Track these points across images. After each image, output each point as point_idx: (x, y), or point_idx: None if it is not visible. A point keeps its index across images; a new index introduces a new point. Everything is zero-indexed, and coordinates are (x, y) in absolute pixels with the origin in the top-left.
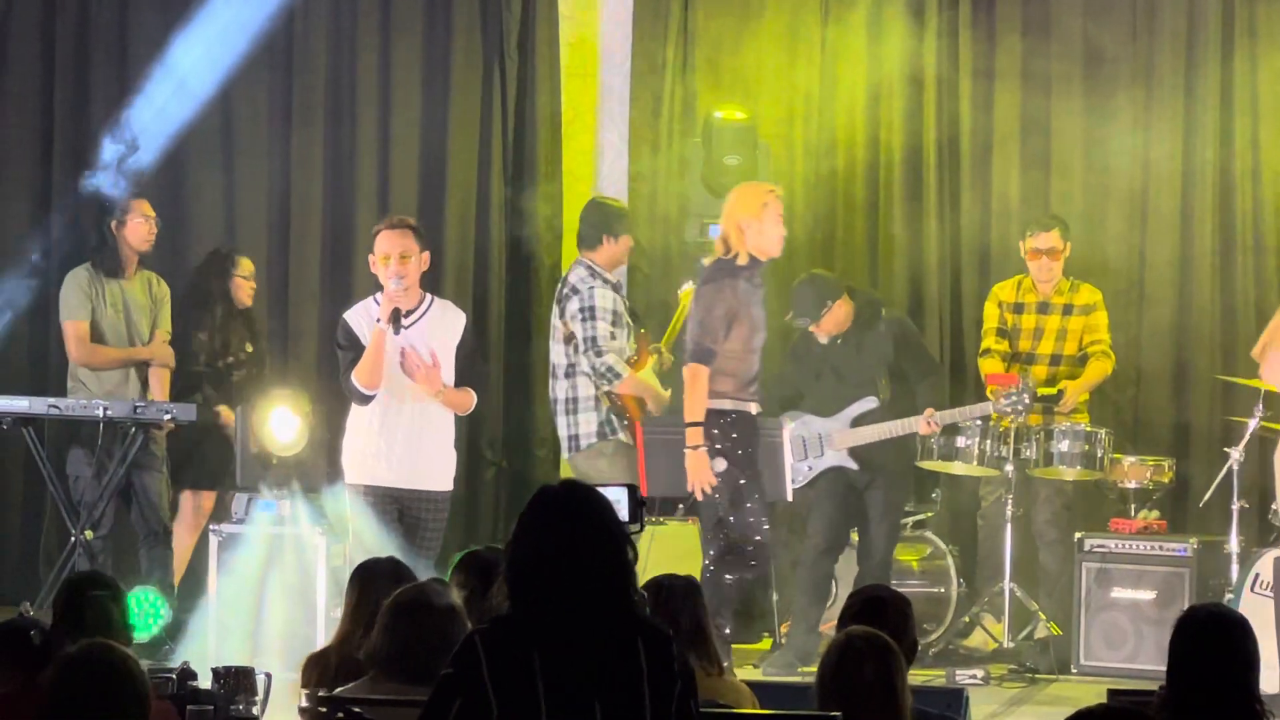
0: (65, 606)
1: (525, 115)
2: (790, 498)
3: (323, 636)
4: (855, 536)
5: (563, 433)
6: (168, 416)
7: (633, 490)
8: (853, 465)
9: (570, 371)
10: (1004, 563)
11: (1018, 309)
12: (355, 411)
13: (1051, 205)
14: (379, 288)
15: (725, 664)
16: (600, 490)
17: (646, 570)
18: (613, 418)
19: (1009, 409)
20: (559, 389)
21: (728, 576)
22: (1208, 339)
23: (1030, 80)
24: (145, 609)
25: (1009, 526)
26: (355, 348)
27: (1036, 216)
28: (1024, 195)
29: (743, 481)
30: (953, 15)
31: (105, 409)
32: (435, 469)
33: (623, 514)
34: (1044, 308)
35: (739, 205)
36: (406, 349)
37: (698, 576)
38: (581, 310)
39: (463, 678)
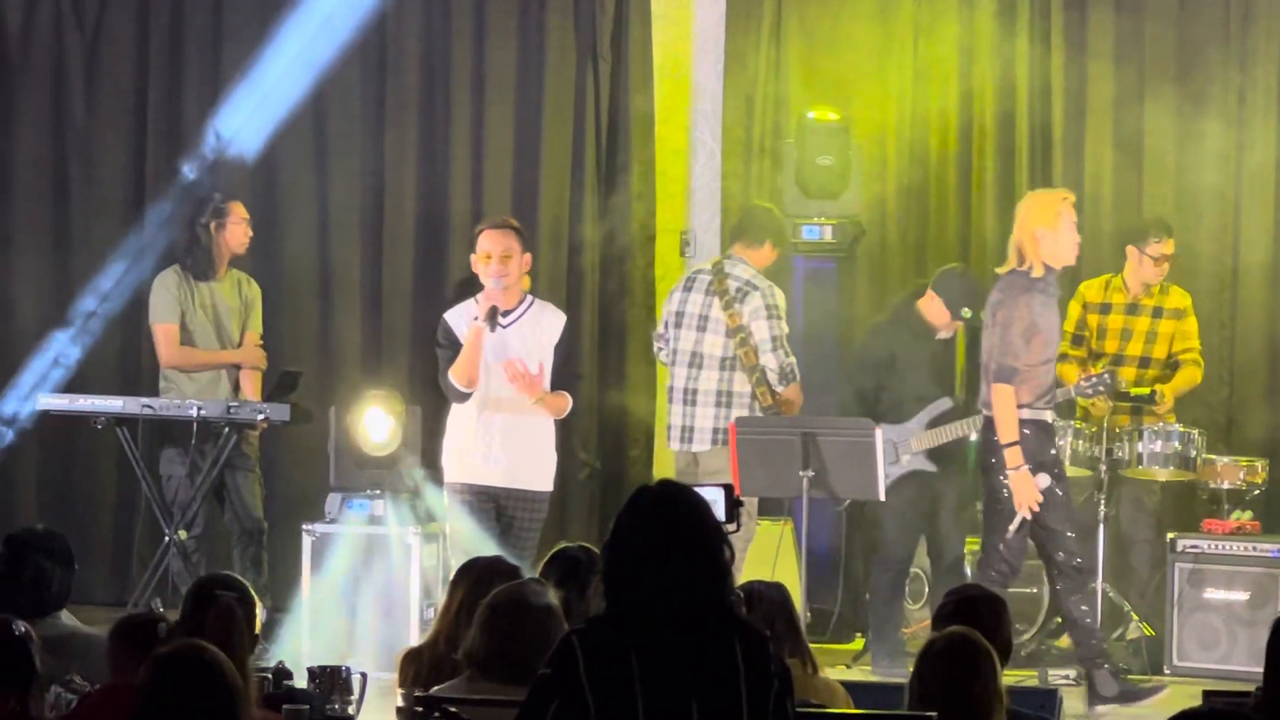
0: (192, 605)
1: (618, 115)
2: (883, 497)
3: (415, 636)
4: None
5: (705, 424)
6: (261, 416)
7: (729, 490)
8: (932, 467)
9: (730, 364)
10: (1096, 564)
11: (1104, 309)
12: (455, 411)
13: (1144, 206)
14: (479, 288)
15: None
16: (697, 490)
17: (742, 572)
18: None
19: (1089, 390)
20: (707, 380)
21: (1083, 606)
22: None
23: (1123, 79)
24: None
25: (1101, 527)
26: (454, 347)
27: (1155, 221)
28: (1116, 195)
29: (1059, 493)
30: (1044, 15)
31: (199, 409)
32: (534, 469)
33: (719, 514)
34: (1133, 309)
35: (1033, 214)
36: (514, 359)
37: (795, 574)
38: (767, 308)
39: (560, 679)
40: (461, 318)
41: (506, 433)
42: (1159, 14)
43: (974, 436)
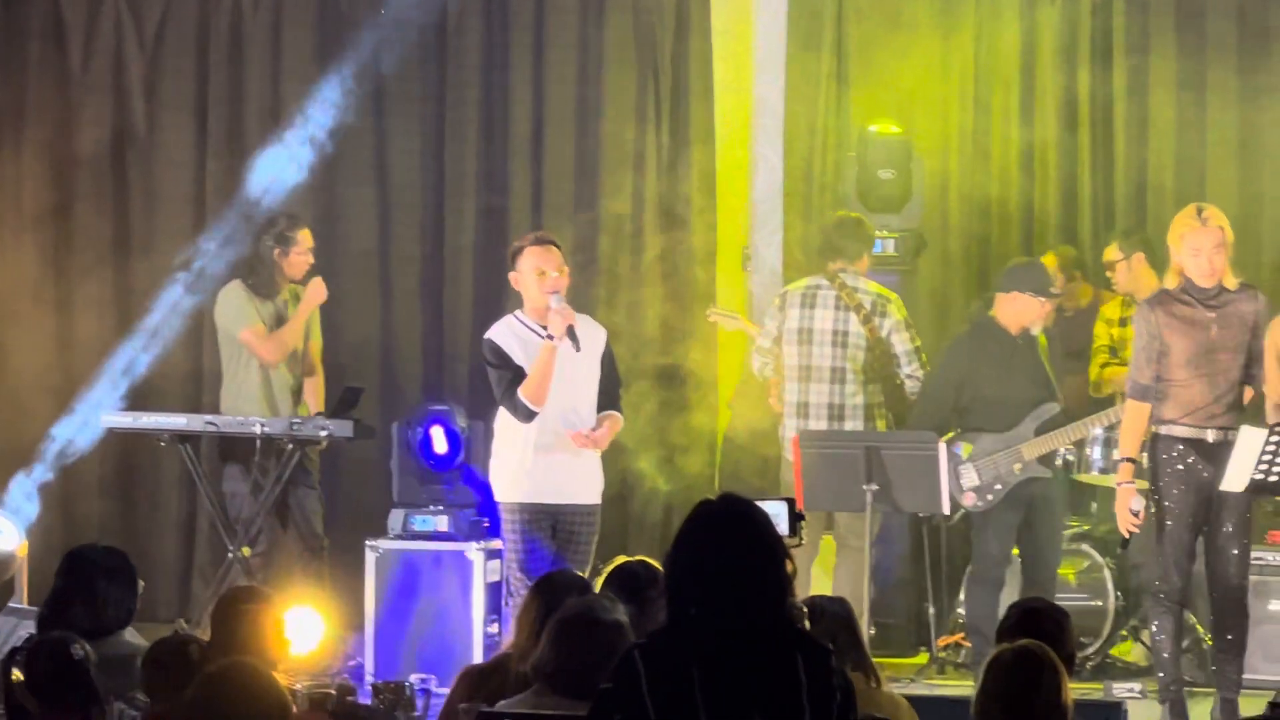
0: (219, 622)
1: (679, 129)
2: (946, 511)
3: (478, 651)
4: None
5: None
6: (323, 433)
7: (791, 504)
8: (1047, 473)
9: (872, 378)
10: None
11: (1122, 323)
12: (505, 429)
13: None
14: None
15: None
16: (759, 504)
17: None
18: None
19: None
20: (853, 394)
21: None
22: None
23: (1186, 88)
24: (303, 625)
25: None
26: (507, 366)
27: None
28: (1178, 204)
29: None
30: (1106, 25)
31: (261, 426)
32: (586, 482)
33: (781, 528)
34: None
35: (1171, 229)
36: (580, 433)
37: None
38: (905, 322)
39: (622, 693)
40: (507, 336)
41: (558, 448)
42: (1221, 21)
43: (1095, 431)
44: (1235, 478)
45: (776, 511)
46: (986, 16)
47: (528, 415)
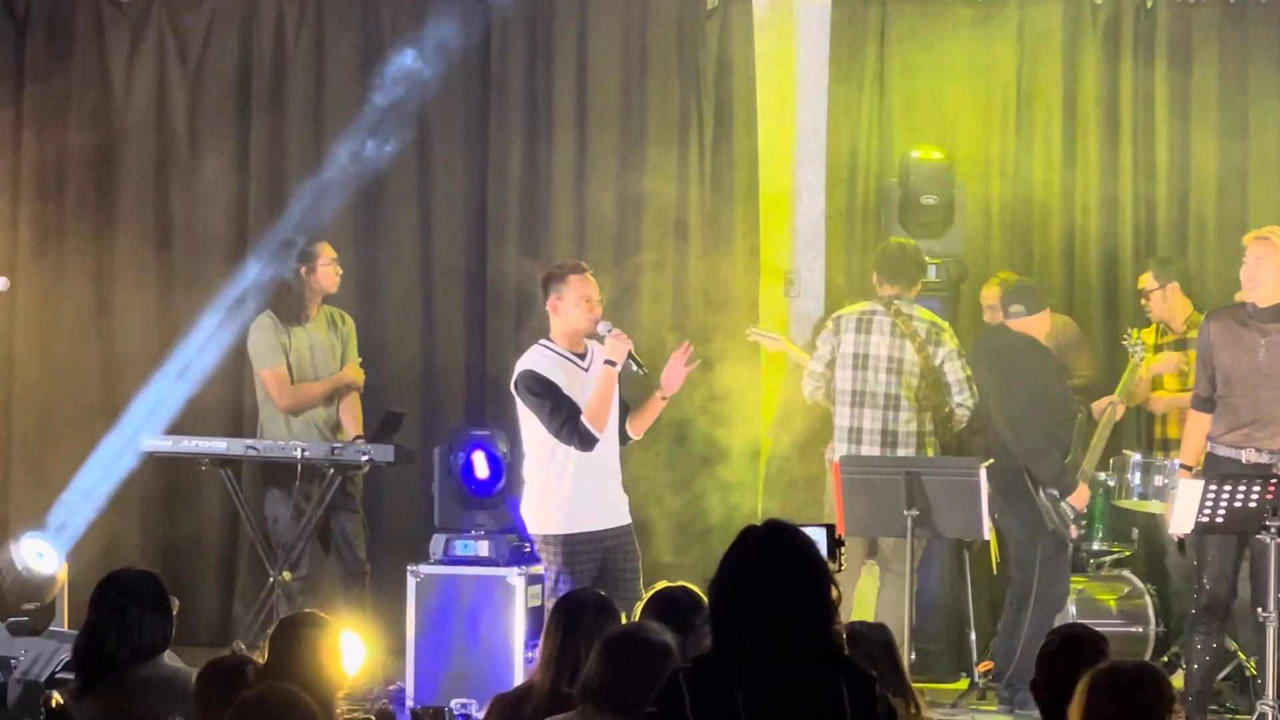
0: (278, 645)
1: (722, 155)
2: (987, 536)
3: (519, 677)
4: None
5: None
6: (365, 458)
7: (831, 530)
8: None
9: (924, 405)
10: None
11: (1158, 350)
12: (543, 461)
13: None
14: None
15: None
16: (802, 530)
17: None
18: None
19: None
20: (906, 422)
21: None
22: None
23: (1228, 109)
24: (344, 649)
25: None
26: (553, 394)
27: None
28: (1220, 223)
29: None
30: (1149, 50)
31: (303, 450)
32: (621, 504)
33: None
34: (1180, 344)
35: None
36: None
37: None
38: (958, 351)
39: (667, 716)
40: (548, 364)
41: (601, 474)
42: (1263, 42)
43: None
44: (1180, 522)
45: (816, 537)
46: (1029, 41)
47: (591, 443)
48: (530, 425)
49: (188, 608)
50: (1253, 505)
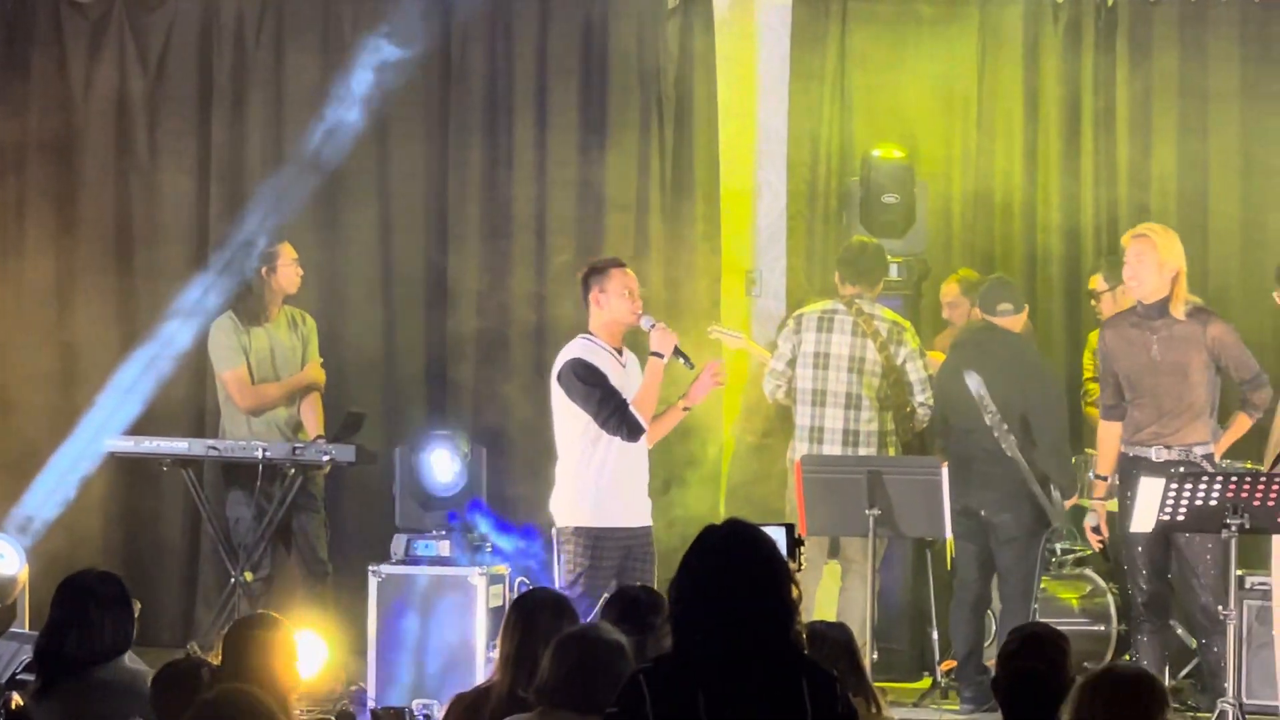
0: (231, 647)
1: (682, 154)
2: (948, 535)
3: (481, 676)
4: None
5: None
6: (326, 458)
7: (790, 530)
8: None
9: (885, 405)
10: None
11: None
12: (580, 453)
13: (1210, 231)
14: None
15: None
16: (762, 529)
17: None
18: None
19: None
20: (868, 421)
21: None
22: None
23: (1188, 108)
24: (305, 651)
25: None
26: (603, 384)
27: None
28: (1181, 223)
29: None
30: (1109, 49)
31: (264, 450)
32: (646, 505)
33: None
34: None
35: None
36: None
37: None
38: (920, 351)
39: (627, 716)
40: (597, 355)
41: (635, 472)
42: (1224, 42)
43: None
44: (1142, 521)
45: (776, 537)
46: (990, 40)
47: (639, 433)
48: (570, 417)
49: (150, 608)
50: (1213, 503)
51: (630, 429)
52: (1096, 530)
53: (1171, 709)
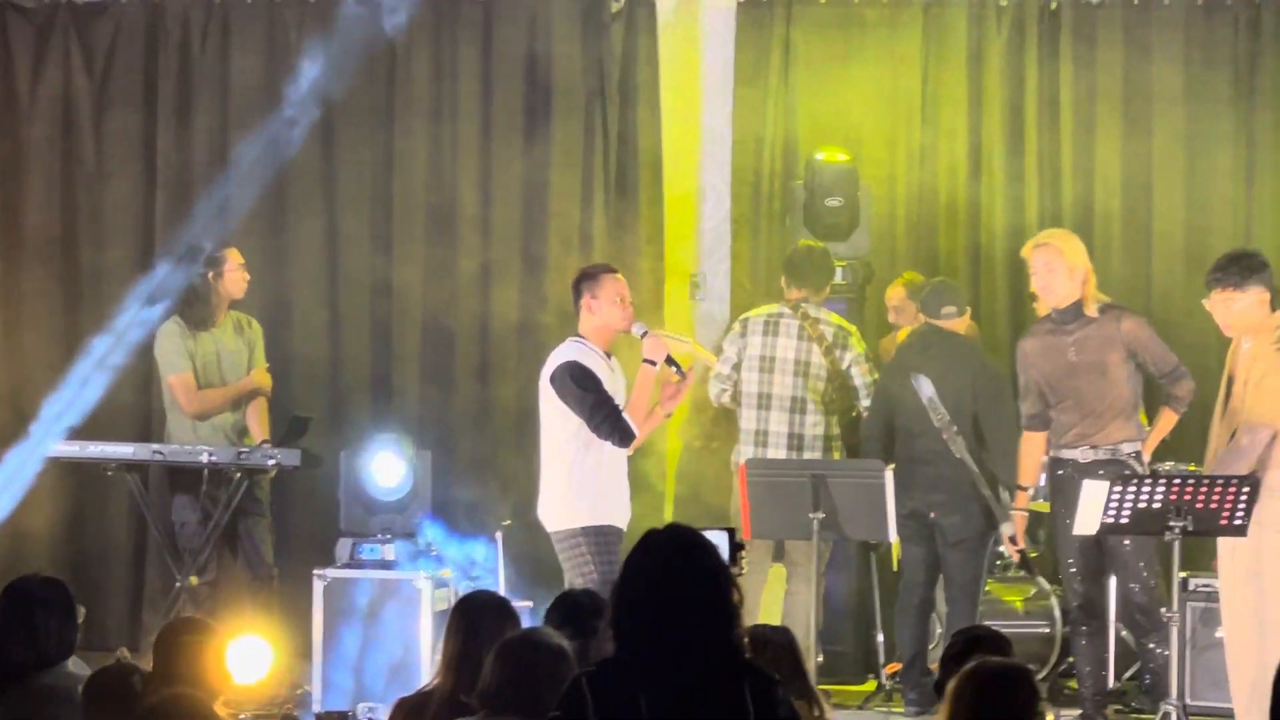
0: (161, 652)
1: (626, 158)
2: (893, 538)
3: (426, 680)
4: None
5: None
6: (271, 461)
7: (732, 534)
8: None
9: (830, 409)
10: (1109, 603)
11: None
12: (577, 454)
13: (1154, 233)
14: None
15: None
16: (705, 533)
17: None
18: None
19: None
20: (813, 425)
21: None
22: None
23: (1132, 110)
24: (251, 655)
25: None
26: (599, 389)
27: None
28: (1125, 225)
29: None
30: (1053, 53)
31: (209, 455)
32: (628, 505)
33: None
34: None
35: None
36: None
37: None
38: (865, 356)
39: None
40: (592, 359)
41: (624, 474)
42: (1167, 44)
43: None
44: (1086, 523)
45: (717, 541)
46: (934, 43)
47: (630, 439)
48: (562, 419)
49: (96, 613)
50: (1156, 506)
51: (623, 435)
52: (1014, 540)
53: (1043, 701)
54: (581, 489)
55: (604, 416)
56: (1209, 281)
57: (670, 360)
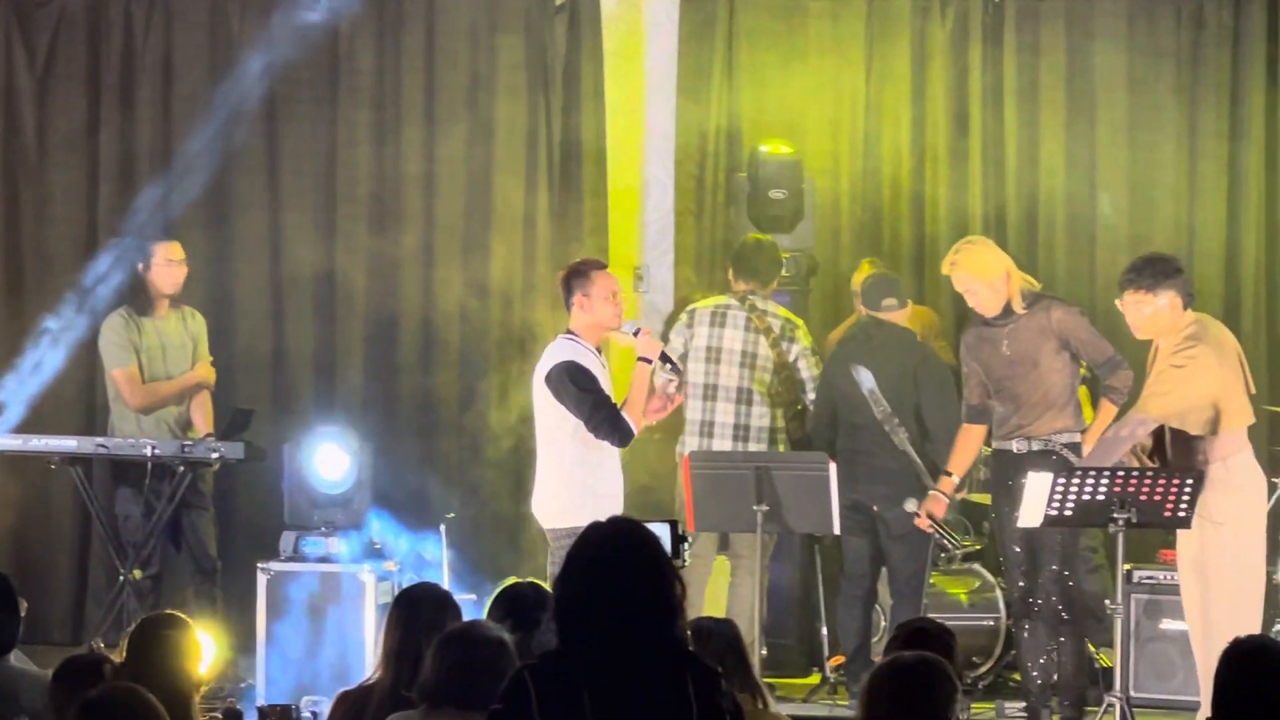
0: (137, 645)
1: (570, 149)
2: (837, 531)
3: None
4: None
5: None
6: (215, 455)
7: (674, 526)
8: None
9: (776, 401)
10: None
11: None
12: (581, 456)
13: (1098, 227)
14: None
15: None
16: (648, 526)
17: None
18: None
19: None
20: (759, 417)
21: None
22: (1253, 369)
23: (1076, 104)
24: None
25: None
26: (595, 388)
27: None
28: (1069, 219)
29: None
30: (997, 45)
31: (153, 448)
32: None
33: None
34: None
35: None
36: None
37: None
38: (812, 350)
39: (512, 714)
40: (586, 358)
41: (615, 469)
42: (1110, 34)
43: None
44: (1030, 515)
45: (660, 534)
46: (877, 37)
47: (628, 438)
48: (559, 418)
49: (40, 607)
50: (1100, 498)
51: (622, 435)
52: (931, 517)
53: (960, 693)
54: (577, 487)
55: (604, 417)
56: (1123, 282)
57: (665, 358)
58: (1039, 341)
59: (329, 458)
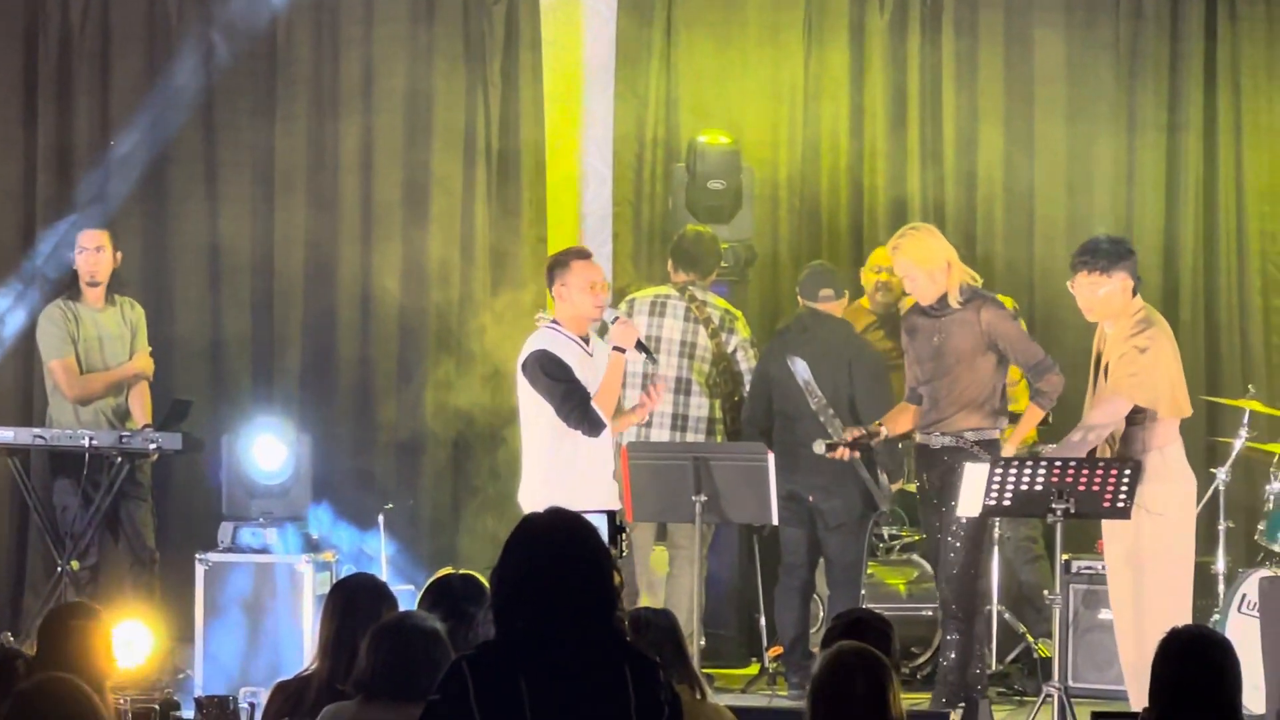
0: (47, 637)
1: (509, 141)
2: (775, 522)
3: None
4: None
5: None
6: (153, 446)
7: (611, 516)
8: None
9: (714, 392)
10: (990, 586)
11: None
12: (555, 444)
13: (1036, 218)
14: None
15: None
16: (585, 516)
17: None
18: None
19: None
20: (698, 407)
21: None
22: (1190, 359)
23: (1013, 94)
24: (132, 639)
25: (995, 549)
26: (568, 378)
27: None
28: (1008, 208)
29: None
30: (935, 35)
31: (91, 439)
32: (613, 490)
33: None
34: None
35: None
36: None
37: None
38: (749, 341)
39: (450, 704)
40: (561, 347)
41: (606, 461)
42: (1048, 29)
43: None
44: (968, 505)
45: (597, 524)
46: (815, 26)
47: (599, 429)
48: (536, 408)
49: None
50: (1039, 488)
51: (591, 424)
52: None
53: (899, 680)
54: (561, 477)
55: (573, 406)
56: (1075, 264)
57: (640, 346)
58: (967, 339)
59: (267, 448)
